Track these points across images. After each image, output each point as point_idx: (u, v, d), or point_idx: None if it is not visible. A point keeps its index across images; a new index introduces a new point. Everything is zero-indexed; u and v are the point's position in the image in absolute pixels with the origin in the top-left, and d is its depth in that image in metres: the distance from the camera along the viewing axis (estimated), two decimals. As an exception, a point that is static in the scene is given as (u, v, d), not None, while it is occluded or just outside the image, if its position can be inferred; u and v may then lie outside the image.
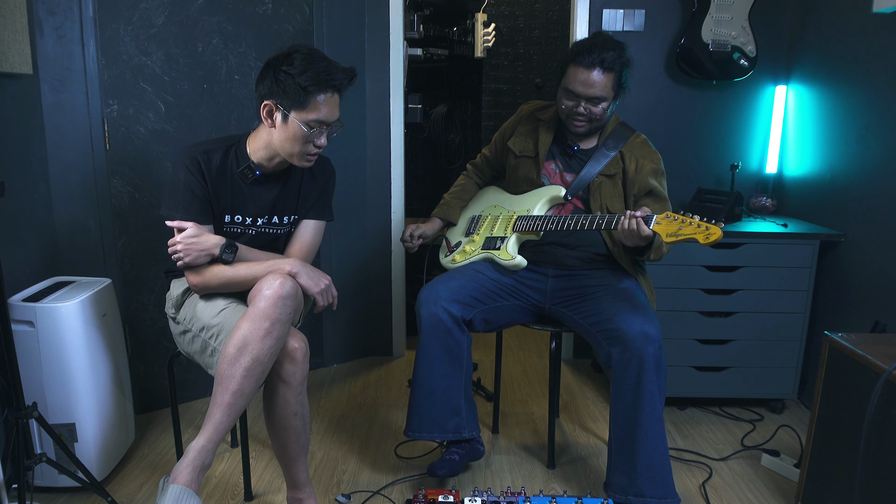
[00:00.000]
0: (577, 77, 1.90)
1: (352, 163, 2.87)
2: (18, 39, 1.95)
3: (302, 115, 1.61)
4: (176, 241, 1.67)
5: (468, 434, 2.00)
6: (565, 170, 2.07)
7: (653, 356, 1.76)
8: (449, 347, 1.91)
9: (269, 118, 1.65)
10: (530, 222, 1.99)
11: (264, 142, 1.71)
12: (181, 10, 2.29)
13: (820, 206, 2.59)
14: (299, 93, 1.59)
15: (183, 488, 1.43)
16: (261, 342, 1.52)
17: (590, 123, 1.97)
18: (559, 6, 4.44)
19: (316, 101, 1.60)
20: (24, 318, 1.82)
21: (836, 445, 1.68)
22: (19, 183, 2.02)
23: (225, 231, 1.77)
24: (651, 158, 2.01)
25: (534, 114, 2.17)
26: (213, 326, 1.68)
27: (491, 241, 2.07)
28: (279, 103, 1.62)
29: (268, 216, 1.80)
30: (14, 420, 1.64)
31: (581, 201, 2.04)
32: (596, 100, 1.92)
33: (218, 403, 1.52)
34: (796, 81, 2.76)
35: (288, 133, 1.64)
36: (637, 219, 1.71)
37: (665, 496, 1.79)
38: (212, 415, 1.52)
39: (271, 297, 1.54)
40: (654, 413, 1.78)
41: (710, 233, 1.62)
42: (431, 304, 1.89)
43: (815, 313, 2.52)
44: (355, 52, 2.80)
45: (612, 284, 1.95)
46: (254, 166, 1.74)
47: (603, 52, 1.87)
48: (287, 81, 1.58)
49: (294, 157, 1.68)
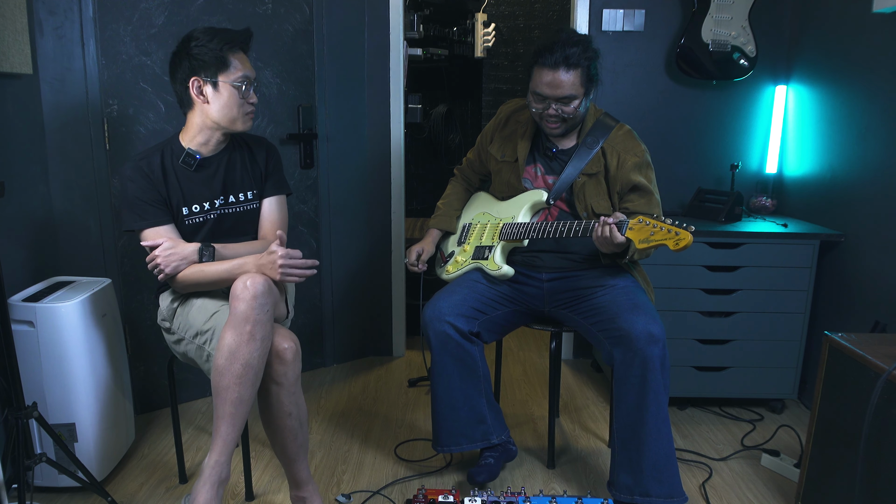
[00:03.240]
0: (542, 79, 1.85)
1: (352, 163, 2.87)
2: (18, 39, 1.95)
3: (229, 77, 1.70)
4: (155, 256, 1.70)
5: (496, 439, 2.00)
6: (547, 172, 2.03)
7: (658, 356, 1.75)
8: (462, 360, 1.91)
9: (200, 94, 1.71)
10: (514, 230, 1.98)
11: (197, 126, 1.77)
12: (181, 10, 2.29)
13: (820, 206, 2.59)
14: (217, 57, 1.68)
15: None
16: (246, 346, 1.54)
17: (564, 123, 1.92)
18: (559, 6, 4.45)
19: (233, 61, 1.70)
20: (24, 318, 1.82)
21: (836, 445, 1.68)
22: (19, 183, 2.02)
23: (187, 223, 1.80)
24: (634, 152, 1.94)
25: (512, 116, 2.13)
26: (206, 332, 1.70)
27: (480, 250, 2.06)
28: (204, 75, 1.69)
29: (222, 197, 1.83)
30: (14, 420, 1.64)
31: (566, 203, 2.01)
32: (566, 99, 1.86)
33: (221, 416, 1.54)
34: (796, 81, 2.76)
35: (223, 99, 1.71)
36: (610, 226, 1.71)
37: (672, 495, 1.79)
38: (218, 428, 1.54)
39: (245, 299, 1.56)
40: (659, 412, 1.77)
41: (680, 238, 1.63)
42: (437, 322, 1.89)
43: (815, 313, 2.52)
44: (355, 52, 2.80)
45: (609, 283, 1.94)
46: (192, 152, 1.78)
47: (565, 48, 1.81)
48: (203, 53, 1.68)
49: (237, 120, 1.75)
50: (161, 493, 2.00)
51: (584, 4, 2.80)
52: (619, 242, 1.72)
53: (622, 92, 2.87)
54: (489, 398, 2.00)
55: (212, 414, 2.47)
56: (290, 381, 1.64)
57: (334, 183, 2.82)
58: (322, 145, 2.75)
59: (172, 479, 2.06)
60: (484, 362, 1.96)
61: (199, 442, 2.31)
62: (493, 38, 4.00)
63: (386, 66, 2.85)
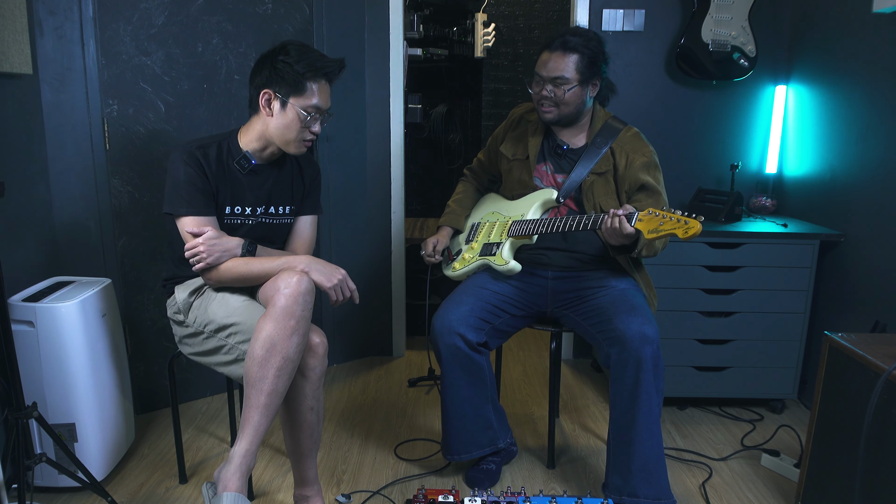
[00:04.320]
0: (541, 61, 1.93)
1: (352, 163, 2.87)
2: (18, 39, 1.95)
3: (300, 102, 1.70)
4: (197, 244, 1.69)
5: (502, 443, 2.05)
6: (556, 171, 2.05)
7: (651, 357, 1.76)
8: (471, 370, 1.92)
9: (268, 107, 1.72)
10: (523, 227, 1.99)
11: (257, 133, 1.77)
12: (181, 10, 2.29)
13: (820, 206, 2.59)
14: (297, 79, 1.68)
15: (237, 495, 1.50)
16: (288, 340, 1.55)
17: (557, 109, 1.94)
18: (559, 6, 4.45)
19: (312, 88, 1.70)
20: (24, 318, 1.82)
21: (836, 445, 1.68)
22: (19, 183, 2.02)
23: (224, 222, 1.80)
24: (642, 152, 1.97)
25: (524, 116, 2.16)
26: (230, 325, 1.70)
27: (488, 247, 2.07)
28: (277, 91, 1.69)
29: (265, 206, 1.85)
30: (14, 420, 1.64)
31: (574, 202, 2.02)
32: (559, 80, 1.90)
33: (254, 406, 1.55)
34: (796, 81, 2.76)
35: (286, 120, 1.71)
36: (619, 217, 1.72)
37: (659, 497, 1.79)
38: (249, 418, 1.54)
39: (291, 294, 1.57)
40: (650, 414, 1.78)
41: (689, 227, 1.63)
42: (447, 334, 1.89)
43: (815, 313, 2.52)
44: (355, 52, 2.80)
45: (611, 285, 1.95)
46: (249, 156, 1.79)
47: (567, 35, 1.90)
48: (285, 70, 1.67)
49: (291, 143, 1.75)
50: (161, 493, 2.00)
51: (584, 4, 2.80)
52: (629, 233, 1.73)
53: (622, 92, 2.86)
54: (495, 403, 2.02)
55: (212, 414, 2.49)
56: (317, 376, 1.68)
57: (334, 183, 2.82)
58: (322, 145, 2.75)
59: (172, 479, 2.06)
60: (490, 369, 1.99)
61: (199, 442, 2.31)
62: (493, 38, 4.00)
63: (386, 67, 2.85)
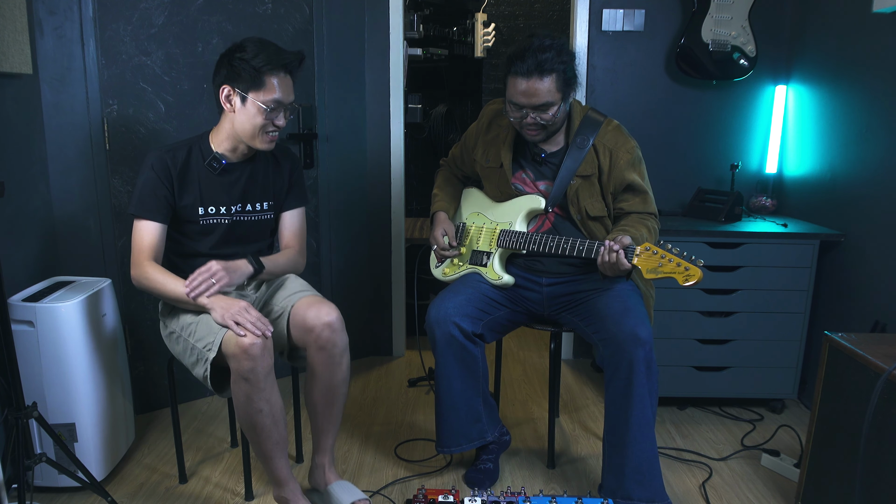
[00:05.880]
0: (517, 88, 1.79)
1: (352, 163, 2.87)
2: (18, 39, 1.95)
3: (259, 97, 1.70)
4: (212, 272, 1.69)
5: (490, 437, 2.02)
6: (537, 178, 1.99)
7: (643, 359, 1.74)
8: (464, 361, 1.91)
9: (228, 102, 1.74)
10: (513, 240, 1.96)
11: (226, 133, 1.80)
12: (181, 10, 2.29)
13: (820, 206, 2.59)
14: (254, 75, 1.68)
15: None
16: (254, 400, 1.64)
17: (544, 130, 1.87)
18: (559, 6, 4.45)
19: (270, 82, 1.70)
20: (23, 318, 1.82)
21: (836, 445, 1.68)
22: (19, 183, 2.02)
23: (201, 223, 1.82)
24: (625, 148, 1.90)
25: (494, 120, 2.06)
26: (191, 324, 1.73)
27: (477, 255, 2.05)
28: (236, 87, 1.71)
29: (240, 204, 1.86)
30: (14, 420, 1.64)
31: (559, 207, 1.98)
32: (543, 107, 1.80)
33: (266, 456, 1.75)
34: (796, 81, 2.76)
35: (248, 115, 1.73)
36: (616, 253, 1.70)
37: (653, 499, 1.78)
38: (272, 467, 1.77)
39: (232, 356, 1.62)
40: (643, 416, 1.76)
41: (690, 274, 1.63)
42: (443, 323, 1.88)
43: (815, 313, 2.52)
44: (355, 52, 2.80)
45: (607, 286, 1.93)
46: (219, 156, 1.81)
47: (538, 55, 1.74)
48: (241, 66, 1.68)
49: (256, 138, 1.76)
50: (161, 493, 1.99)
51: (584, 4, 2.80)
52: (626, 269, 1.71)
53: (622, 92, 2.87)
54: (485, 396, 2.00)
55: (212, 414, 2.49)
56: (339, 350, 1.79)
57: (334, 183, 2.81)
58: (322, 145, 2.75)
59: (172, 479, 2.06)
60: (484, 361, 1.97)
61: (199, 442, 2.31)
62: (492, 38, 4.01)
63: (386, 66, 2.85)
